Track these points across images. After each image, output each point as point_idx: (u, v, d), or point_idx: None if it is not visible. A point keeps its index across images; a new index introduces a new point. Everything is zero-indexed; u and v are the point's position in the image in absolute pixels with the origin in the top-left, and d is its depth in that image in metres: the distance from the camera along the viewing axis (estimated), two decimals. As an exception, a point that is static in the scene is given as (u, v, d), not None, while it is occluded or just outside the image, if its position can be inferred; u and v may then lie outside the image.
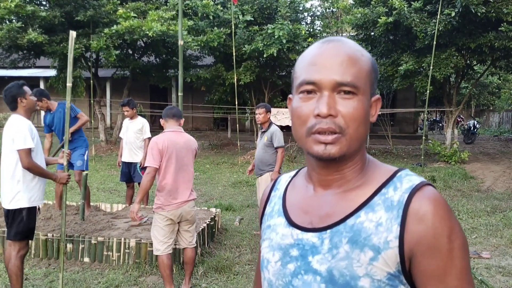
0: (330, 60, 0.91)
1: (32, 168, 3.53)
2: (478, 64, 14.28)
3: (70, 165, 5.36)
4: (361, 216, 0.90)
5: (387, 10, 11.46)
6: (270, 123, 5.68)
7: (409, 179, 0.92)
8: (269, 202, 1.11)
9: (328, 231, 0.91)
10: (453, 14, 10.39)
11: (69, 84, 3.68)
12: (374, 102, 0.97)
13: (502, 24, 10.47)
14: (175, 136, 3.96)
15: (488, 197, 8.42)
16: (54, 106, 5.72)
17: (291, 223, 0.99)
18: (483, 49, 11.32)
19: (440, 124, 26.11)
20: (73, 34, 3.50)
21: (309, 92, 0.91)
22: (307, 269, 0.92)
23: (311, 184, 1.01)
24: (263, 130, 5.68)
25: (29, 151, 3.50)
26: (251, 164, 6.00)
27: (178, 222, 3.98)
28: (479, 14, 10.26)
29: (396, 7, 10.96)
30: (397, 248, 0.85)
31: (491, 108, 33.30)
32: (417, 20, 11.19)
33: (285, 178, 1.13)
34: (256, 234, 5.87)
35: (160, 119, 4.16)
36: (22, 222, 3.59)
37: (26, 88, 3.69)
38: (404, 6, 11.00)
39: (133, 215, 3.88)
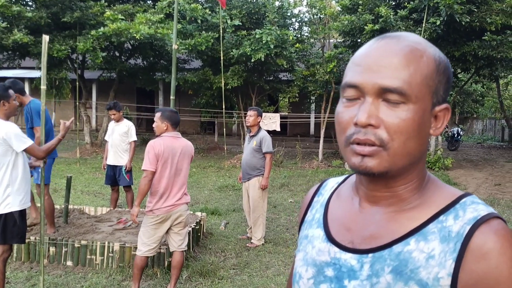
0: (378, 60, 0.78)
1: (47, 152, 3.63)
2: (462, 72, 14.52)
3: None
4: (410, 244, 0.78)
5: (373, 17, 11.59)
6: (259, 128, 5.70)
7: (475, 208, 0.77)
8: (311, 208, 0.99)
9: (370, 255, 0.80)
10: (438, 22, 10.56)
11: (43, 87, 3.61)
12: (440, 111, 0.81)
13: (485, 33, 10.68)
14: (172, 141, 3.96)
15: (471, 203, 8.53)
16: (26, 101, 5.20)
17: (330, 238, 0.88)
18: (467, 57, 11.53)
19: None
20: (46, 38, 3.48)
21: (352, 97, 0.80)
22: None
23: (357, 197, 0.89)
24: (251, 135, 5.69)
25: (34, 145, 3.54)
26: (241, 171, 6.01)
27: (171, 225, 3.98)
28: (463, 23, 10.45)
29: (383, 15, 11.09)
30: (449, 287, 0.74)
31: (474, 116, 33.79)
32: (403, 28, 11.34)
33: (331, 183, 1.01)
34: (241, 238, 5.87)
35: (158, 120, 4.03)
36: (16, 226, 3.56)
37: (11, 91, 3.65)
38: (390, 14, 11.15)
39: (133, 218, 3.93)
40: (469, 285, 0.72)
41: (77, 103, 13.45)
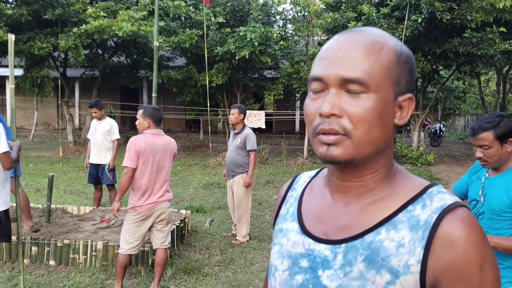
0: (340, 53, 0.80)
1: (14, 163, 3.42)
2: (444, 69, 14.70)
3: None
4: (381, 233, 0.80)
5: (356, 15, 11.67)
6: (244, 125, 5.70)
7: (441, 197, 0.80)
8: (285, 203, 1.01)
9: (343, 245, 0.82)
10: (419, 20, 10.68)
11: (11, 86, 3.55)
12: (404, 101, 0.83)
13: (466, 31, 10.83)
14: (155, 138, 3.95)
15: (452, 198, 8.67)
16: None
17: (305, 230, 0.90)
18: (448, 54, 11.67)
19: (408, 127, 26.72)
20: (11, 37, 3.44)
21: (317, 89, 0.82)
22: (315, 283, 0.84)
23: (329, 189, 0.91)
24: (236, 132, 5.68)
25: (7, 153, 3.34)
26: (226, 168, 6.02)
27: (153, 223, 3.97)
28: (444, 20, 10.58)
29: (365, 12, 11.18)
30: (418, 274, 0.76)
31: (457, 112, 34.29)
32: (385, 25, 11.44)
33: (304, 177, 1.03)
34: (226, 235, 5.88)
35: (140, 117, 4.01)
36: (2, 225, 3.51)
37: None
38: (373, 12, 11.24)
39: (114, 212, 3.97)
40: (438, 271, 0.75)
41: (60, 102, 13.26)
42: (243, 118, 5.69)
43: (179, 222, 5.37)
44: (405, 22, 10.64)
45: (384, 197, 0.84)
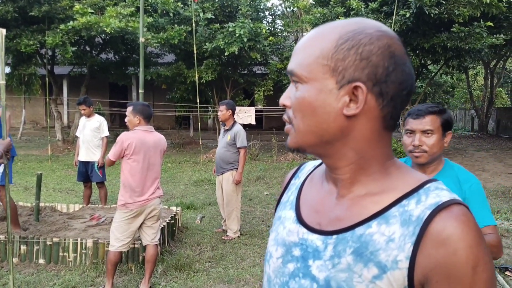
0: (295, 48, 0.86)
1: None
2: (432, 64, 14.81)
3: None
4: (372, 227, 0.79)
5: (345, 10, 11.70)
6: (234, 122, 5.67)
7: (438, 193, 0.78)
8: (287, 190, 1.02)
9: (334, 236, 0.82)
10: (408, 15, 10.73)
11: (2, 82, 3.50)
12: (352, 90, 0.79)
13: (454, 25, 10.92)
14: (145, 135, 3.93)
15: (441, 192, 8.76)
16: None
17: (300, 220, 0.90)
18: (437, 49, 11.76)
19: (397, 122, 26.85)
20: (2, 31, 3.39)
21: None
22: (305, 273, 0.84)
23: (326, 180, 0.91)
24: (226, 129, 5.66)
25: None
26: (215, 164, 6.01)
27: (144, 219, 3.97)
28: (432, 15, 10.65)
29: (354, 7, 11.21)
30: (407, 270, 0.74)
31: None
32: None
33: (308, 166, 1.03)
34: (217, 231, 5.88)
35: (130, 114, 3.98)
36: None
37: None
38: (361, 7, 11.27)
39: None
40: (428, 269, 0.73)
41: (48, 100, 13.11)
42: (232, 114, 5.66)
43: (170, 218, 5.36)
44: (394, 17, 10.69)
45: (378, 191, 0.82)
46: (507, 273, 4.61)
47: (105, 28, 11.24)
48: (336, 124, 0.80)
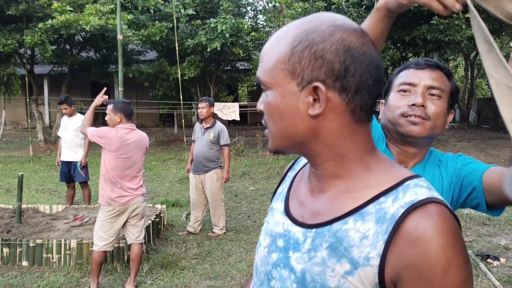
0: (260, 55, 0.88)
1: None
2: (413, 56, 14.96)
3: None
4: (348, 223, 0.79)
5: (326, 4, 11.74)
6: (215, 119, 5.63)
7: (416, 191, 0.76)
8: (283, 182, 1.04)
9: (314, 230, 0.83)
10: (388, 8, 10.80)
11: None
12: (311, 92, 0.79)
13: (433, 18, 11.05)
14: (127, 132, 3.90)
15: (424, 182, 8.88)
16: None
17: (287, 211, 0.92)
18: (417, 41, 11.91)
19: (372, 114, 27.09)
20: None
21: None
22: (285, 263, 0.86)
23: (311, 175, 0.91)
24: (207, 126, 5.59)
25: None
26: (189, 163, 5.90)
27: (127, 218, 3.94)
28: (412, 8, 10.74)
29: (335, 1, 11.27)
30: (377, 268, 0.74)
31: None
32: (355, 14, 11.56)
33: (305, 159, 1.01)
34: (182, 234, 5.74)
35: (110, 112, 3.95)
36: None
37: None
38: (342, 1, 11.33)
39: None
40: (399, 268, 0.73)
41: (28, 100, 12.91)
42: (213, 111, 5.63)
43: (155, 217, 5.34)
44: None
45: (358, 188, 0.82)
46: (488, 260, 4.71)
47: (85, 26, 11.09)
48: (305, 125, 0.81)
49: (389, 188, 0.79)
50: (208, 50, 12.56)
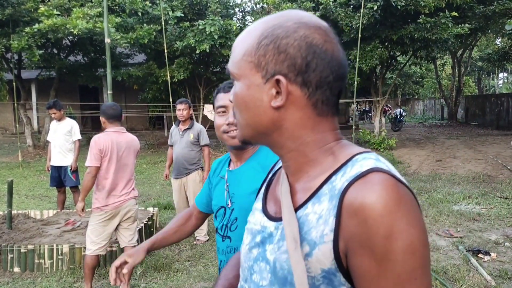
0: (232, 48, 0.92)
1: None
2: (401, 55, 15.09)
3: None
4: (308, 208, 0.81)
5: (314, 5, 11.79)
6: (192, 120, 5.52)
7: (362, 164, 0.77)
8: (264, 183, 1.08)
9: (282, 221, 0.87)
10: (375, 7, 10.90)
11: None
12: (274, 84, 0.82)
13: (420, 16, 11.15)
14: (117, 136, 3.88)
15: (415, 180, 8.97)
16: None
17: (264, 210, 0.96)
18: (405, 40, 12.00)
19: (370, 114, 27.31)
20: None
21: None
22: (263, 256, 0.89)
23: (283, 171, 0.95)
24: (186, 127, 5.39)
25: None
26: (166, 168, 5.80)
27: (120, 221, 3.93)
28: (399, 7, 10.85)
29: (322, 2, 11.32)
30: (331, 243, 0.75)
31: (416, 97, 35.30)
32: (343, 14, 11.62)
33: None
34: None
35: (101, 117, 3.96)
36: None
37: None
38: (330, 1, 11.39)
39: (79, 212, 3.93)
40: (347, 240, 0.73)
41: (16, 105, 12.77)
42: (191, 112, 5.55)
43: (147, 220, 5.32)
44: (362, 10, 10.83)
45: (318, 174, 0.84)
46: (479, 255, 4.77)
47: (72, 30, 11.00)
48: (267, 117, 0.84)
49: (340, 166, 0.80)
50: (197, 52, 12.54)
